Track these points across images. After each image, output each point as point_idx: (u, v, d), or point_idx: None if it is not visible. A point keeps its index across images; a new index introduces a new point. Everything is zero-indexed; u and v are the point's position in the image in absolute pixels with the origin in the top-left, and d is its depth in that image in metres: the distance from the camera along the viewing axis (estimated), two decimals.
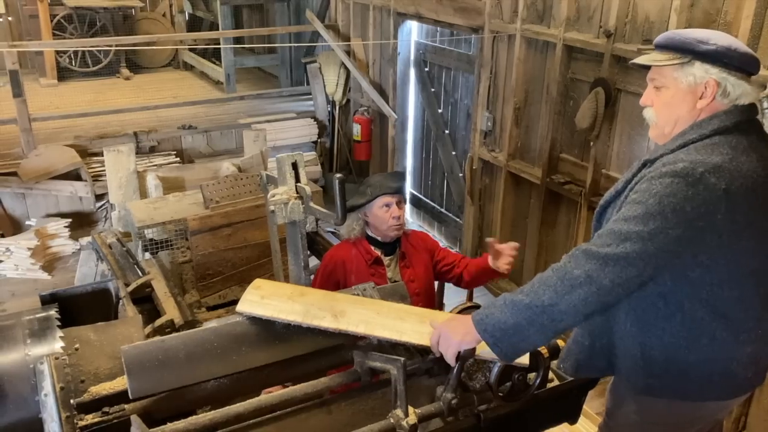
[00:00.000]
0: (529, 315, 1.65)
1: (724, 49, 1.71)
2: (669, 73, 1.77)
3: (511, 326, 1.66)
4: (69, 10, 8.85)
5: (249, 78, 9.23)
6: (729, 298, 1.74)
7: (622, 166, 3.88)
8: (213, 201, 3.79)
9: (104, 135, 6.20)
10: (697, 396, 1.85)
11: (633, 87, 3.70)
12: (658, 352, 1.80)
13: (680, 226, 1.61)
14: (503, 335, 1.66)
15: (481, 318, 1.71)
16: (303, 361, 1.87)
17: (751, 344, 1.81)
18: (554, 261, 2.99)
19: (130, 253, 3.13)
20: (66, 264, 5.46)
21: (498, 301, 1.73)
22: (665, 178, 1.64)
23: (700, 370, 1.80)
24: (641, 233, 1.62)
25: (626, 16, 3.68)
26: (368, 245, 2.85)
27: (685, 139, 1.73)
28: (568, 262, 1.69)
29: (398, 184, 2.85)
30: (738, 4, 3.07)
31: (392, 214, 2.79)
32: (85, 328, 1.88)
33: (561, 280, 1.65)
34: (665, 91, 1.79)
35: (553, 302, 1.64)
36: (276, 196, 2.64)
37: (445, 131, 5.84)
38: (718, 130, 1.71)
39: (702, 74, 1.72)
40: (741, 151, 1.68)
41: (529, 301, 1.66)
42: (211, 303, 3.79)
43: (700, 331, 1.77)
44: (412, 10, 5.55)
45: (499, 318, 1.68)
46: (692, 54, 1.72)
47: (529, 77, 4.49)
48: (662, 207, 1.61)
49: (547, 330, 1.66)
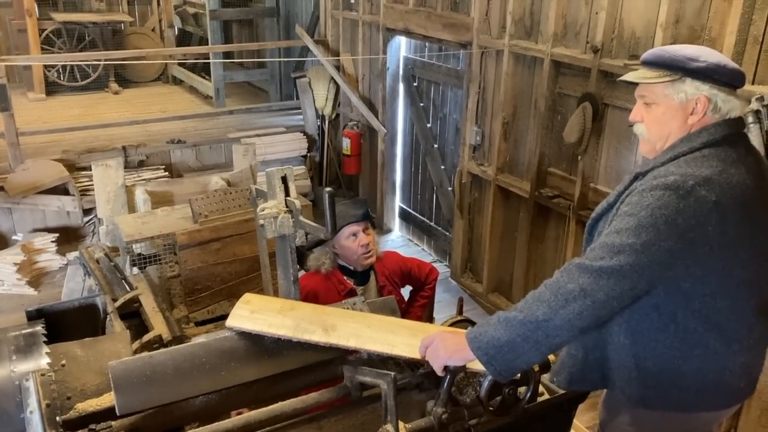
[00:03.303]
0: (524, 331, 1.64)
1: (714, 66, 1.73)
2: (660, 90, 1.79)
3: (505, 343, 1.65)
4: (58, 24, 8.84)
5: (238, 92, 9.24)
6: (721, 308, 1.75)
7: (610, 180, 3.91)
8: (202, 215, 3.77)
9: (92, 149, 6.17)
10: (691, 407, 1.86)
11: (620, 102, 3.74)
12: (652, 363, 1.81)
13: (672, 238, 1.62)
14: (497, 352, 1.65)
15: (474, 336, 1.70)
16: (292, 376, 1.86)
17: (743, 354, 1.82)
18: (543, 275, 2.99)
19: (118, 268, 3.10)
20: (53, 279, 5.40)
21: (492, 319, 1.72)
22: (657, 190, 1.65)
23: (694, 380, 1.81)
24: (634, 245, 1.62)
25: (613, 32, 3.73)
26: (341, 276, 2.80)
27: (675, 152, 1.75)
28: (561, 276, 1.69)
29: (361, 211, 2.80)
30: (722, 20, 3.12)
31: (360, 243, 2.75)
32: (71, 344, 1.86)
33: (555, 295, 1.65)
34: (656, 107, 1.81)
35: (548, 317, 1.63)
36: (265, 210, 2.63)
37: (434, 145, 5.86)
38: (707, 143, 1.73)
39: (693, 91, 1.75)
40: (730, 163, 1.71)
41: (523, 317, 1.66)
42: (199, 318, 3.76)
43: (694, 341, 1.77)
44: (401, 25, 5.59)
45: (492, 335, 1.67)
46: (683, 71, 1.74)
47: (518, 92, 4.53)
48: (654, 219, 1.62)
49: (542, 346, 1.65)
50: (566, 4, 4.02)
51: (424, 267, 3.04)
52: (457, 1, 4.97)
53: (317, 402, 1.80)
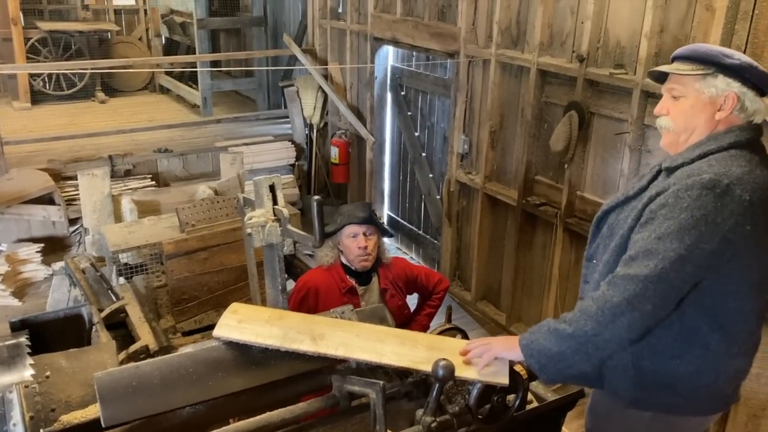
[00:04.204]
0: (573, 344, 1.68)
1: (747, 65, 1.77)
2: (691, 83, 1.81)
3: (556, 354, 1.69)
4: (43, 33, 8.80)
5: (226, 101, 9.22)
6: (731, 309, 1.77)
7: (597, 188, 3.94)
8: (189, 224, 3.75)
9: (78, 159, 6.13)
10: (682, 410, 1.87)
11: (606, 110, 3.78)
12: (650, 362, 1.82)
13: (715, 239, 1.64)
14: (548, 362, 1.70)
15: (527, 343, 1.73)
16: (280, 387, 1.85)
17: (739, 358, 1.84)
18: (531, 282, 2.99)
19: (104, 278, 3.08)
20: (38, 290, 5.34)
21: (542, 327, 1.75)
22: (693, 190, 1.66)
23: (688, 383, 1.82)
24: (678, 250, 1.63)
25: (598, 42, 3.76)
26: (343, 273, 2.83)
27: (703, 150, 1.77)
28: (607, 290, 1.69)
29: (364, 214, 2.84)
30: (705, 30, 3.16)
31: (358, 244, 2.78)
32: (56, 355, 1.84)
33: (602, 310, 1.66)
34: (684, 100, 1.83)
35: (597, 332, 1.66)
36: (253, 219, 2.62)
37: (422, 154, 5.88)
38: (734, 144, 1.76)
39: (724, 87, 1.78)
40: (755, 165, 1.74)
41: (572, 330, 1.68)
42: (186, 328, 3.73)
43: (696, 340, 1.79)
44: (388, 35, 5.61)
45: (544, 345, 1.70)
46: (716, 66, 1.77)
47: (504, 101, 4.55)
48: (695, 221, 1.63)
49: (592, 357, 1.69)
50: (552, 14, 4.05)
51: (432, 276, 3.06)
52: (444, 10, 5.00)
53: (305, 412, 1.79)
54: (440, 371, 1.67)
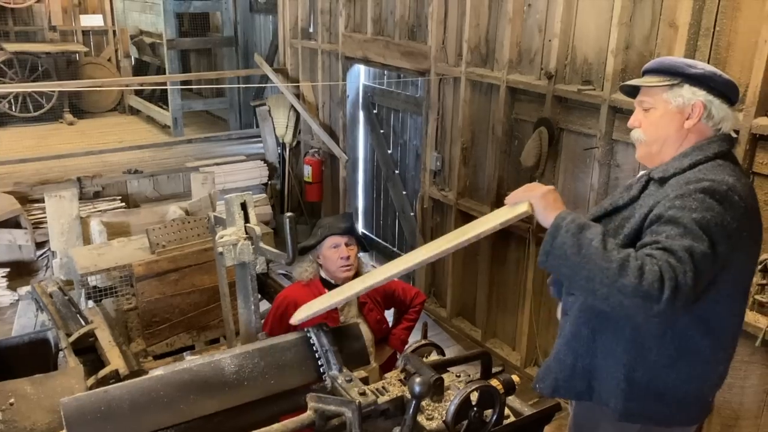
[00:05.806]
0: (590, 265, 1.61)
1: (711, 74, 1.82)
2: (659, 94, 1.86)
3: (569, 256, 1.64)
4: (9, 55, 8.67)
5: (197, 121, 9.16)
6: (721, 313, 1.79)
7: (567, 202, 3.92)
8: (159, 245, 3.69)
9: (46, 181, 6.01)
10: (669, 420, 1.89)
11: (575, 126, 3.84)
12: (641, 372, 1.83)
13: (723, 242, 1.65)
14: (554, 254, 1.68)
15: (558, 223, 1.70)
16: (254, 408, 1.82)
17: (723, 364, 1.88)
18: (505, 298, 2.91)
19: (73, 301, 3.01)
20: (3, 316, 5.20)
21: (588, 231, 1.66)
22: (697, 194, 1.68)
23: (677, 391, 1.84)
24: (705, 241, 1.62)
25: (566, 59, 3.83)
26: (322, 288, 2.82)
27: (693, 160, 1.80)
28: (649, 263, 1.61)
29: (347, 225, 2.86)
30: (669, 46, 3.23)
31: (340, 255, 2.78)
32: (21, 381, 1.79)
33: (640, 269, 1.58)
34: (654, 111, 1.88)
35: (617, 276, 1.58)
36: (224, 237, 2.59)
37: (396, 171, 5.90)
38: (718, 154, 1.81)
39: (690, 96, 1.82)
40: (739, 174, 1.79)
41: (602, 257, 1.61)
42: (158, 351, 3.66)
43: (687, 348, 1.81)
44: (359, 54, 5.64)
45: (564, 241, 1.66)
46: (682, 76, 1.83)
47: (475, 118, 4.60)
48: (707, 222, 1.64)
49: (590, 286, 1.63)
50: (520, 32, 4.12)
51: (409, 291, 3.07)
52: (415, 30, 5.05)
53: None
54: (417, 388, 1.66)
